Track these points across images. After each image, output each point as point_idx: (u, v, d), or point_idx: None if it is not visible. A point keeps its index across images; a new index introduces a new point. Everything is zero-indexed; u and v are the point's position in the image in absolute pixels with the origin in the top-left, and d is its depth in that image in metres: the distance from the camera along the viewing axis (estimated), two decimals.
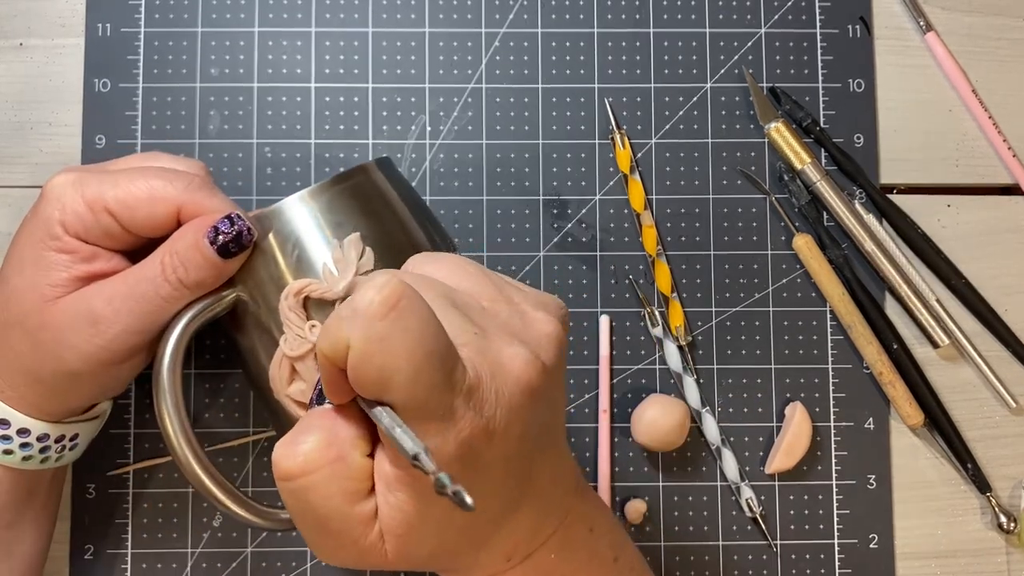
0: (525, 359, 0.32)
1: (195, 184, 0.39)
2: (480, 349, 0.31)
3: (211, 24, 0.51)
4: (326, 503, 0.32)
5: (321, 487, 0.32)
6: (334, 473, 0.32)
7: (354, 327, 0.29)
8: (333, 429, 0.32)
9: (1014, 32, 0.54)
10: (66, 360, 0.39)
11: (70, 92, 0.51)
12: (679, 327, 0.51)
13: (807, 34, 0.53)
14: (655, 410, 0.49)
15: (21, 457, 0.41)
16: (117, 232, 0.39)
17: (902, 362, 0.51)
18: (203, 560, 0.49)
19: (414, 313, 0.29)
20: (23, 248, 0.40)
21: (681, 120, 0.52)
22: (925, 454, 0.52)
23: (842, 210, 0.52)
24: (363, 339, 0.29)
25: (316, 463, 0.31)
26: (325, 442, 0.32)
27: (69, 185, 0.39)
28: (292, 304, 0.38)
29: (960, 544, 0.51)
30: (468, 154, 0.52)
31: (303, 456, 0.32)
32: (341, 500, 0.32)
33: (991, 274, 0.52)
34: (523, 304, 0.35)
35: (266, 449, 0.50)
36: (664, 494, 0.51)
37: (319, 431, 0.32)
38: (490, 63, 0.52)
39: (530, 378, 0.32)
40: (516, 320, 0.34)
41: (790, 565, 0.51)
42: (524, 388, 0.32)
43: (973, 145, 0.53)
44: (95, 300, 0.38)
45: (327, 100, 0.51)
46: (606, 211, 0.52)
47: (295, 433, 0.32)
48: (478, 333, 0.32)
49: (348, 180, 0.40)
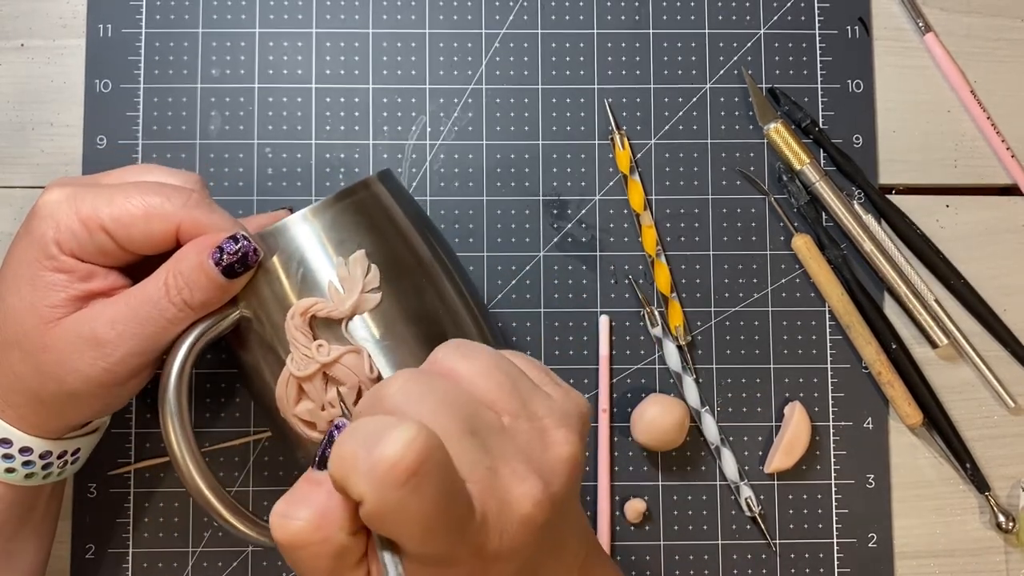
0: (534, 500, 0.31)
1: (193, 200, 0.38)
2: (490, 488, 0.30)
3: (212, 25, 0.52)
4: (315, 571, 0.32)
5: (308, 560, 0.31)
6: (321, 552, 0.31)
7: (370, 488, 0.28)
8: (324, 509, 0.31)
9: (1013, 33, 0.54)
10: (68, 382, 0.38)
11: (71, 93, 0.51)
12: (678, 327, 0.51)
13: (806, 35, 0.53)
14: (655, 410, 0.49)
15: (24, 475, 0.41)
16: (113, 250, 0.38)
17: (901, 362, 0.51)
18: (204, 560, 0.49)
19: (435, 481, 0.28)
20: (18, 267, 0.39)
21: (681, 121, 0.52)
22: (924, 454, 0.52)
23: (841, 210, 0.52)
24: (378, 502, 0.28)
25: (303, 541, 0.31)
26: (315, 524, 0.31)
27: (63, 202, 0.38)
28: (299, 323, 0.38)
29: (959, 543, 0.51)
30: (468, 154, 0.52)
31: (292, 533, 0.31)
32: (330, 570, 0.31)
33: (990, 274, 0.53)
34: (546, 419, 0.33)
35: (266, 449, 0.50)
36: (664, 494, 0.51)
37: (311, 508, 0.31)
38: (490, 63, 0.52)
39: (537, 517, 0.31)
40: (535, 442, 0.33)
41: (789, 564, 0.51)
42: (529, 527, 0.31)
43: (972, 145, 0.53)
44: (97, 323, 0.38)
45: (327, 101, 0.52)
46: (606, 211, 0.52)
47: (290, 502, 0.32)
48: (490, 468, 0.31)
49: (351, 196, 0.40)
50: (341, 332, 0.38)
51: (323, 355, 0.37)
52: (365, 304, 0.38)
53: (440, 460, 0.29)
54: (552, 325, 0.51)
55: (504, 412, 0.33)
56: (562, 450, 0.33)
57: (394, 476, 0.27)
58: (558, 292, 0.51)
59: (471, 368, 0.33)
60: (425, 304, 0.40)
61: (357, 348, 0.38)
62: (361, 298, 0.38)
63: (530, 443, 0.32)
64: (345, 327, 0.38)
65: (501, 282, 0.51)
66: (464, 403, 0.32)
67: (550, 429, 0.33)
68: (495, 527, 0.30)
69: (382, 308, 0.38)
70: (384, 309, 0.39)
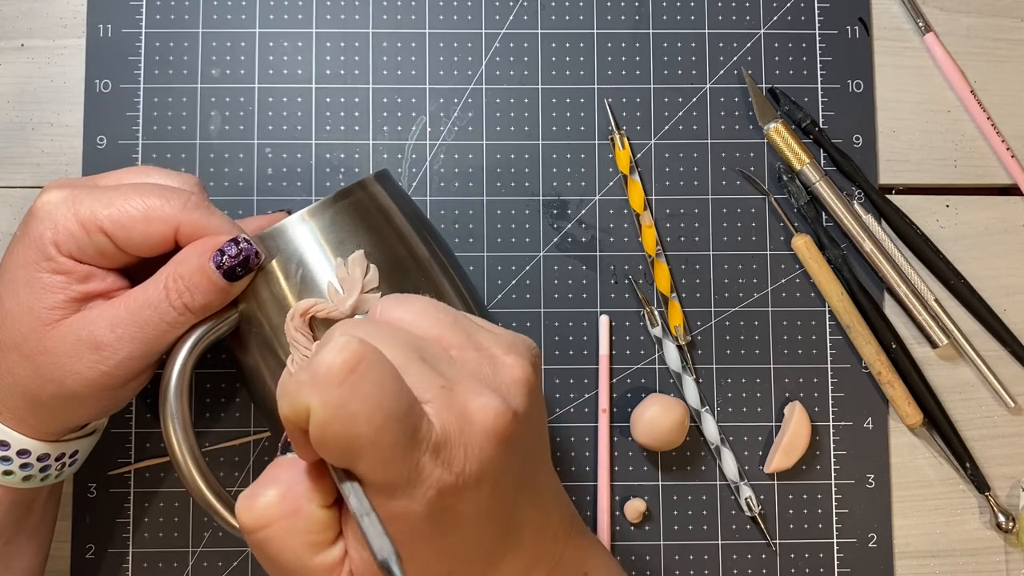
0: (495, 409, 0.31)
1: (192, 203, 0.38)
2: (447, 403, 0.31)
3: (212, 25, 0.52)
4: (285, 554, 0.32)
5: (278, 540, 0.31)
6: (291, 527, 0.31)
7: (313, 393, 0.28)
8: (290, 482, 0.32)
9: (1013, 33, 0.54)
10: (67, 385, 0.38)
11: (71, 93, 0.51)
12: (678, 327, 0.51)
13: (806, 35, 0.53)
14: (654, 410, 0.49)
15: (21, 477, 0.41)
16: (111, 252, 0.38)
17: (901, 362, 0.51)
18: (204, 559, 0.49)
19: (374, 376, 0.29)
20: (15, 268, 0.38)
21: (680, 121, 0.52)
22: (924, 453, 0.52)
23: (841, 210, 0.52)
24: (322, 405, 0.28)
25: (271, 517, 0.31)
26: (280, 496, 0.31)
27: (61, 203, 0.38)
28: (299, 324, 0.38)
29: (958, 543, 0.51)
30: (468, 155, 0.52)
31: (259, 510, 0.31)
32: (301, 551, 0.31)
33: (989, 274, 0.53)
34: (493, 348, 0.34)
35: (266, 449, 0.50)
36: (663, 493, 0.51)
37: (277, 485, 0.32)
38: (490, 64, 0.52)
39: (501, 428, 0.31)
40: (486, 367, 0.33)
41: (789, 564, 0.51)
42: (495, 439, 0.31)
43: (972, 145, 0.53)
44: (97, 326, 0.38)
45: (328, 101, 0.52)
46: (606, 211, 0.52)
47: (256, 486, 0.32)
48: (445, 386, 0.31)
49: (348, 197, 0.40)
50: None
51: None
52: (365, 304, 0.38)
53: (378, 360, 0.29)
54: (552, 325, 0.51)
55: (450, 346, 0.33)
56: (514, 371, 0.33)
57: (332, 374, 0.28)
58: (558, 292, 0.51)
59: (410, 310, 0.34)
60: None
61: None
62: (361, 298, 0.38)
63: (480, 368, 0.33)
64: None
65: (501, 282, 0.51)
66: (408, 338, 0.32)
67: (499, 356, 0.33)
68: (458, 442, 0.30)
69: None
70: None
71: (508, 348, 0.34)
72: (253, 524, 0.31)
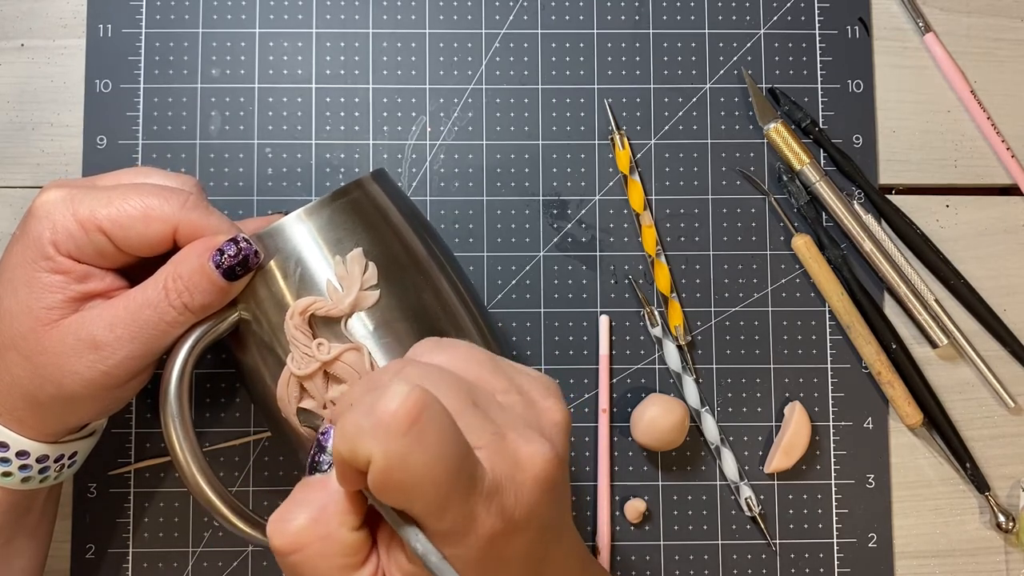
0: (543, 456, 0.32)
1: (191, 203, 0.38)
2: (499, 450, 0.31)
3: (212, 25, 0.52)
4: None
5: (310, 563, 0.31)
6: (324, 550, 0.31)
7: (376, 441, 0.28)
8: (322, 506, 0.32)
9: (1013, 33, 0.54)
10: (66, 385, 0.38)
11: (71, 93, 0.51)
12: (678, 327, 0.51)
13: (806, 35, 0.53)
14: (655, 410, 0.49)
15: (20, 479, 0.41)
16: (110, 251, 0.38)
17: (901, 362, 0.51)
18: (204, 559, 0.49)
19: (436, 426, 0.29)
20: (14, 268, 0.38)
21: (680, 121, 0.52)
22: (924, 453, 0.52)
23: (841, 210, 0.52)
24: (384, 455, 0.28)
25: (304, 541, 0.31)
26: (312, 520, 0.31)
27: (60, 203, 0.38)
28: (298, 323, 0.38)
29: (958, 543, 0.51)
30: (468, 154, 0.52)
31: (292, 534, 0.31)
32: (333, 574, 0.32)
33: (989, 274, 0.53)
34: (532, 392, 0.34)
35: (266, 449, 0.50)
36: (664, 493, 0.51)
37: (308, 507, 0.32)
38: (490, 64, 0.52)
39: (549, 473, 0.32)
40: (531, 412, 0.34)
41: (789, 564, 0.51)
42: (543, 485, 0.32)
43: (972, 145, 0.53)
44: (96, 326, 0.38)
45: (327, 101, 0.52)
46: (606, 211, 0.52)
47: (286, 508, 0.32)
48: (496, 433, 0.32)
49: (346, 195, 0.40)
50: (340, 330, 0.38)
51: (324, 353, 0.37)
52: (364, 302, 0.38)
53: (439, 410, 0.29)
54: (552, 325, 0.51)
55: (495, 390, 0.34)
56: (555, 416, 0.34)
57: (397, 424, 0.28)
58: (558, 292, 0.51)
59: (452, 357, 0.34)
60: (423, 301, 0.40)
61: (358, 345, 0.38)
62: (360, 296, 0.38)
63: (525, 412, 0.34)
64: (344, 325, 0.38)
65: (501, 282, 0.51)
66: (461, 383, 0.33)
67: (538, 400, 0.34)
68: (509, 488, 0.31)
69: (380, 305, 0.39)
70: (382, 306, 0.39)
71: (545, 391, 0.35)
72: (286, 548, 0.32)
